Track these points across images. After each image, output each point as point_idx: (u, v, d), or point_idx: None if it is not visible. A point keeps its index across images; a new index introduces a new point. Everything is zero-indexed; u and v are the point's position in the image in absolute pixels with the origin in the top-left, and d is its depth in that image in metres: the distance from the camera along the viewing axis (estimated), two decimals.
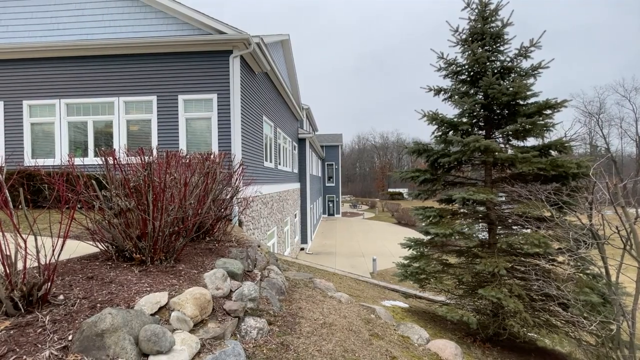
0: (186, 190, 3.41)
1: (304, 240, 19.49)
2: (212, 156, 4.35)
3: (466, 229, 6.05)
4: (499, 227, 6.55)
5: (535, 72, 6.19)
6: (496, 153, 5.93)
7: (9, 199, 2.31)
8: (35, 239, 2.24)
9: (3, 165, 3.38)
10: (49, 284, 2.32)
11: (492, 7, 6.41)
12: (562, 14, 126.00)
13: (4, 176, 2.37)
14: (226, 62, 7.56)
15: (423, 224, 6.71)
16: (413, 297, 8.30)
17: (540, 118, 5.84)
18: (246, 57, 8.05)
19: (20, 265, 2.27)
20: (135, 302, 2.52)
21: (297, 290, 4.96)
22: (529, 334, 6.02)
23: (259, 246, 5.39)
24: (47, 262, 2.31)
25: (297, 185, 17.86)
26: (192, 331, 2.59)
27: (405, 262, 6.78)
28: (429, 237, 6.60)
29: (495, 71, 6.41)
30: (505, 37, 6.46)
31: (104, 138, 8.04)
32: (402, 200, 56.32)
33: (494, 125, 6.70)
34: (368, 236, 25.02)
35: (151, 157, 3.21)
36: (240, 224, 7.46)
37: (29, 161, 7.93)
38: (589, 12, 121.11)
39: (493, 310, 5.94)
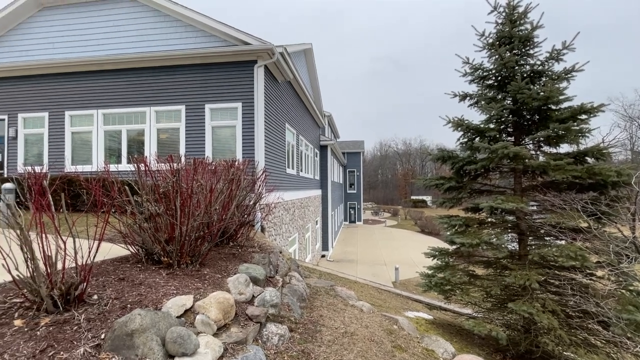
0: (212, 196, 3.52)
1: (325, 247, 19.42)
2: (236, 163, 4.46)
3: (494, 239, 5.80)
4: (530, 238, 6.22)
5: (569, 75, 5.90)
6: (526, 160, 5.67)
7: (52, 202, 2.47)
8: (74, 241, 2.38)
9: (47, 171, 3.65)
10: (85, 284, 2.44)
11: (521, 9, 6.21)
12: (597, 10, 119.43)
13: (48, 182, 2.55)
14: (251, 71, 7.78)
15: (448, 233, 6.50)
16: (438, 309, 8.02)
17: (575, 123, 5.54)
18: (270, 67, 8.25)
19: (59, 266, 2.42)
20: (163, 304, 2.61)
21: (318, 297, 4.94)
22: (564, 353, 5.62)
23: (280, 252, 5.43)
24: (84, 263, 2.44)
25: (318, 192, 17.90)
26: (215, 335, 2.64)
27: (430, 272, 6.57)
28: (454, 246, 6.38)
29: (525, 75, 6.17)
30: (535, 40, 6.22)
31: (136, 146, 8.47)
32: (426, 208, 54.93)
33: (524, 131, 6.43)
34: (390, 244, 24.55)
35: (180, 164, 3.34)
36: (263, 229, 7.56)
37: (69, 167, 8.49)
38: (626, 7, 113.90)
39: (525, 325, 5.62)
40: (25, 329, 2.10)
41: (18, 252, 2.24)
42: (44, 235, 2.31)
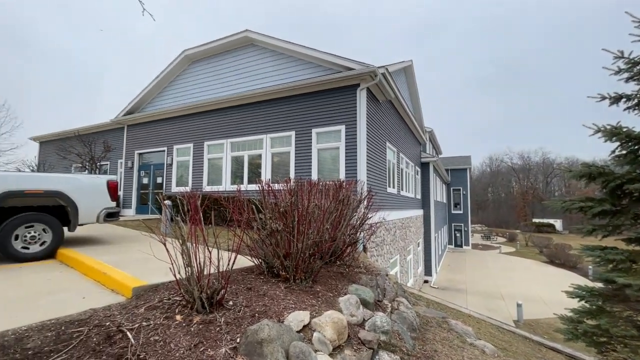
0: (324, 216, 3.67)
1: (427, 272, 17.97)
2: (344, 184, 4.58)
3: None
4: None
5: None
6: None
7: (202, 219, 2.98)
8: (218, 252, 2.79)
9: (199, 192, 4.53)
10: (224, 290, 2.82)
11: None
12: None
13: (199, 201, 3.09)
14: (353, 94, 8.06)
15: (598, 268, 5.14)
16: None
17: None
18: (372, 88, 8.39)
19: (205, 272, 2.85)
20: (284, 317, 2.79)
21: (430, 329, 4.52)
22: None
23: (387, 275, 5.24)
24: (224, 270, 2.83)
25: (420, 212, 16.88)
26: (331, 355, 2.66)
27: (575, 316, 5.25)
28: (613, 287, 4.96)
29: None
30: None
31: (254, 168, 9.69)
32: (554, 233, 45.47)
33: None
34: (508, 275, 21.04)
35: (297, 185, 3.61)
36: (365, 249, 7.49)
37: (205, 187, 10.28)
38: None
39: None
40: (183, 324, 2.52)
41: (169, 257, 2.75)
42: (196, 246, 2.80)
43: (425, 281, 17.61)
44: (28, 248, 4.41)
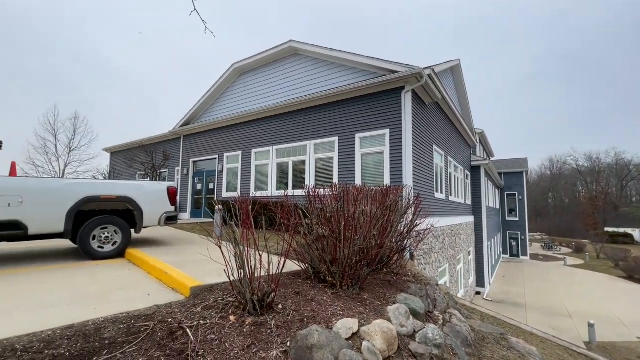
0: (371, 222, 3.61)
1: (480, 283, 16.76)
2: (390, 189, 4.47)
3: None
4: None
5: None
6: None
7: (253, 223, 3.09)
8: (268, 256, 2.87)
9: (250, 197, 4.76)
10: (274, 294, 2.89)
11: None
12: None
13: (250, 206, 3.22)
14: (398, 97, 7.88)
15: None
16: None
17: None
18: (417, 90, 8.13)
19: (256, 275, 2.95)
20: (333, 323, 2.78)
21: (487, 346, 4.19)
22: None
23: (437, 285, 4.99)
24: (274, 274, 2.90)
25: (470, 219, 15.87)
26: None
27: None
28: None
29: None
30: None
31: (298, 174, 9.88)
32: (632, 245, 39.79)
33: None
34: (575, 290, 18.83)
35: (343, 191, 3.60)
36: (412, 257, 7.21)
37: (252, 193, 10.72)
38: None
39: None
40: (237, 325, 2.63)
41: (224, 259, 2.88)
42: (247, 249, 2.91)
43: (477, 293, 16.44)
44: (103, 247, 4.95)
